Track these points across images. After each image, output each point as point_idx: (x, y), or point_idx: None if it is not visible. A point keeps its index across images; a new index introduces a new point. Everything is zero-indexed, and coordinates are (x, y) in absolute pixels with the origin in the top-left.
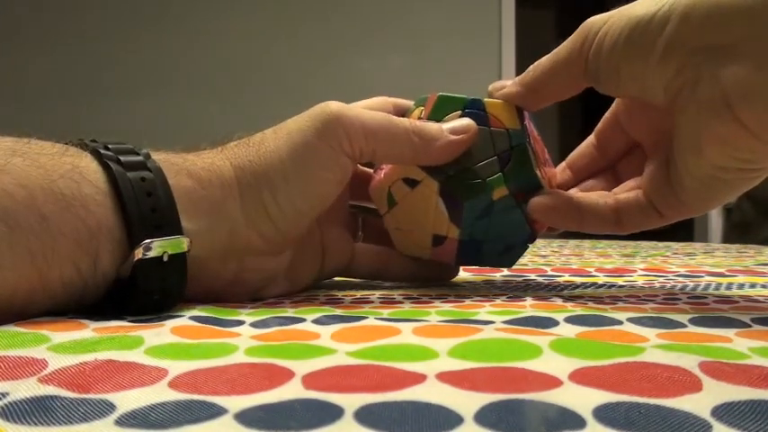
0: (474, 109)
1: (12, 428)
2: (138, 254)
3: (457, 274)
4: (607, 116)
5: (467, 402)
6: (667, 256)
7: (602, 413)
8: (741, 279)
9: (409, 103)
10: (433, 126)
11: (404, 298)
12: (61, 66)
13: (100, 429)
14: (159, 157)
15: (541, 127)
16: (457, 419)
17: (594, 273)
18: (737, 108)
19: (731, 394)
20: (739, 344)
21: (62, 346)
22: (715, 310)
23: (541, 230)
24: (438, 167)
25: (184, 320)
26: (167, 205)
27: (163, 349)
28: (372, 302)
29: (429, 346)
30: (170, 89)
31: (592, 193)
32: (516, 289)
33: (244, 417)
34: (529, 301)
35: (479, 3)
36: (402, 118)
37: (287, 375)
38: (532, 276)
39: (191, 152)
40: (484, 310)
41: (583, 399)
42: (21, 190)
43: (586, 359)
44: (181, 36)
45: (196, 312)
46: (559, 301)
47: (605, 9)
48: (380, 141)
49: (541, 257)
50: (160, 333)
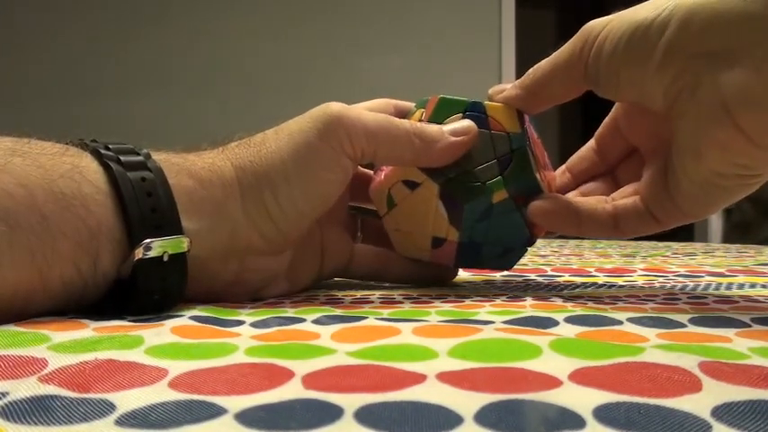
0: (474, 111)
1: (12, 428)
2: (139, 254)
3: (456, 276)
4: (607, 121)
5: (467, 402)
6: (667, 256)
7: (602, 413)
8: (741, 279)
9: (410, 105)
10: (434, 128)
11: (404, 298)
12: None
13: (100, 429)
14: (160, 158)
15: (542, 130)
16: (457, 419)
17: (594, 273)
18: (736, 114)
19: (731, 394)
20: (739, 344)
21: (62, 346)
22: (715, 310)
23: (540, 234)
24: (438, 170)
25: (184, 320)
26: (167, 205)
27: (163, 349)
28: (372, 302)
29: (429, 346)
30: (170, 89)
31: (590, 198)
32: (516, 289)
33: (244, 417)
34: (529, 301)
35: (479, 3)
36: (403, 119)
37: (287, 375)
38: (532, 276)
39: (191, 152)
40: (484, 310)
41: (583, 399)
42: (21, 189)
43: (586, 359)
44: (180, 36)
45: (196, 312)
46: (559, 301)
47: (605, 9)
48: (381, 142)
49: (541, 257)
50: (160, 333)
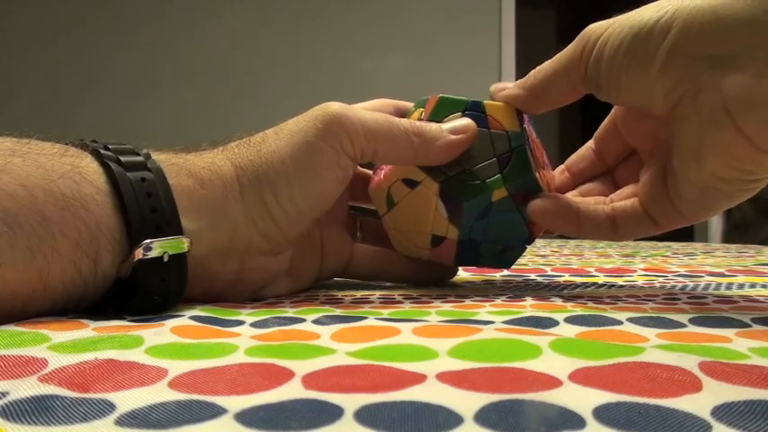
0: (474, 111)
1: (12, 428)
2: (139, 254)
3: (455, 275)
4: (606, 122)
5: (467, 402)
6: (667, 256)
7: (602, 413)
8: (741, 279)
9: (409, 105)
10: (433, 126)
11: (404, 298)
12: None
13: (100, 429)
14: (160, 158)
15: (541, 129)
16: (457, 419)
17: (594, 273)
18: (739, 118)
19: (731, 394)
20: (739, 344)
21: (62, 346)
22: (715, 310)
23: (540, 233)
24: (438, 168)
25: (184, 320)
26: (167, 206)
27: (163, 349)
28: (372, 302)
29: (429, 346)
30: (170, 89)
31: (589, 199)
32: (516, 289)
33: (244, 417)
34: (529, 301)
35: (479, 3)
36: (402, 119)
37: (287, 375)
38: (532, 276)
39: (191, 152)
40: (484, 310)
41: (583, 399)
42: (21, 190)
43: (586, 359)
44: (180, 36)
45: (196, 312)
46: (559, 301)
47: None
48: (381, 141)
49: (541, 257)
50: (160, 333)
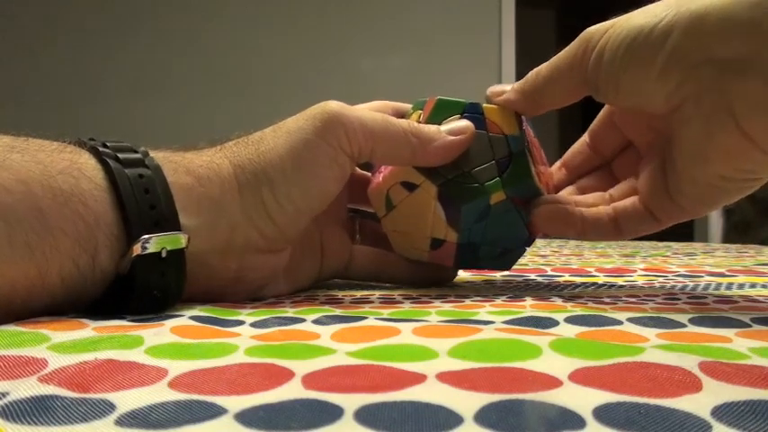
0: (472, 113)
1: (12, 428)
2: (137, 249)
3: (455, 277)
4: (601, 115)
5: (467, 402)
6: (667, 256)
7: (602, 413)
8: (741, 279)
9: (408, 107)
10: (431, 127)
11: (404, 298)
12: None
13: (100, 429)
14: (157, 156)
15: (540, 129)
16: (457, 419)
17: (594, 273)
18: (745, 121)
19: (731, 394)
20: (739, 344)
21: (62, 346)
22: (715, 310)
23: (539, 233)
24: (436, 171)
25: (184, 320)
26: (166, 202)
27: (163, 349)
28: (372, 302)
29: (429, 347)
30: (170, 89)
31: (589, 197)
32: (516, 289)
33: (244, 417)
34: (529, 301)
35: (479, 3)
36: (400, 119)
37: (287, 375)
38: (532, 276)
39: (189, 151)
40: (484, 310)
41: (583, 399)
42: (19, 185)
43: (586, 359)
44: (180, 37)
45: (196, 312)
46: (559, 301)
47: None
48: (379, 141)
49: (541, 257)
50: (160, 333)
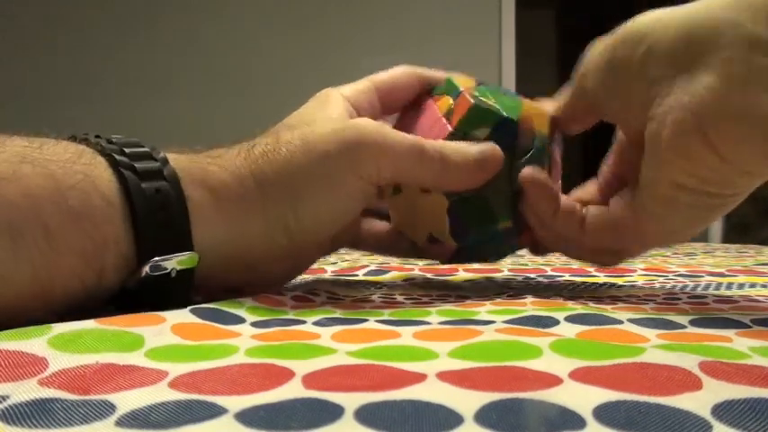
0: (504, 128)
1: (12, 431)
2: (146, 270)
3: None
4: (608, 160)
5: (467, 402)
6: (667, 256)
7: (602, 413)
8: (741, 279)
9: (438, 76)
10: (459, 156)
11: (405, 298)
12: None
13: (100, 430)
14: (177, 162)
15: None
16: (457, 419)
17: (594, 273)
18: (705, 123)
19: (731, 393)
20: (739, 344)
21: (63, 338)
22: (715, 310)
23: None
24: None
25: (185, 314)
26: (180, 220)
27: (163, 352)
28: (373, 302)
29: (429, 348)
30: (170, 89)
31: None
32: (517, 288)
33: (244, 417)
34: (529, 299)
35: (479, 3)
36: (432, 142)
37: (287, 375)
38: (533, 276)
39: (211, 156)
40: (484, 309)
41: (583, 398)
42: (27, 200)
43: (587, 359)
44: (180, 36)
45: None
46: (560, 300)
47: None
48: (408, 172)
49: (541, 257)
50: (161, 332)
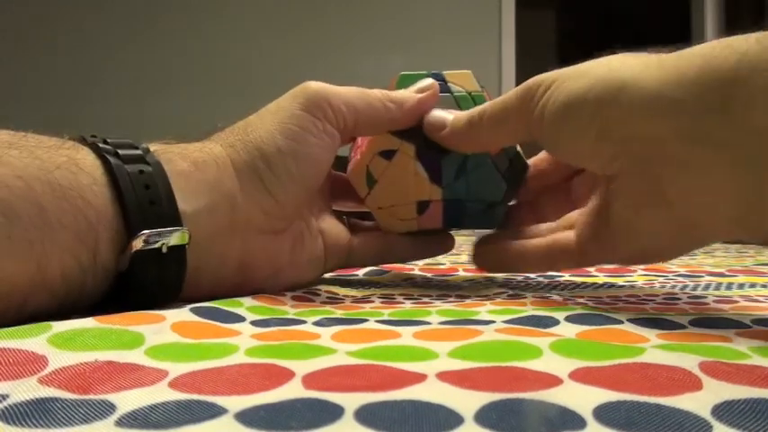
0: (435, 79)
1: (11, 431)
2: (136, 245)
3: (453, 244)
4: None
5: (467, 402)
6: None
7: (602, 413)
8: (741, 279)
9: None
10: (401, 91)
11: (404, 298)
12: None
13: (100, 430)
14: (155, 148)
15: None
16: (457, 419)
17: (594, 273)
18: (673, 200)
19: (731, 393)
20: (739, 344)
21: (63, 337)
22: (715, 310)
23: (521, 188)
24: (411, 133)
25: (185, 313)
26: (166, 197)
27: (163, 350)
28: (373, 302)
29: (430, 348)
30: (169, 89)
31: (537, 228)
32: (517, 288)
33: (244, 417)
34: (529, 299)
35: (479, 3)
36: (374, 89)
37: (287, 375)
38: (533, 276)
39: (180, 143)
40: (484, 309)
41: (583, 398)
42: (18, 181)
43: (587, 360)
44: (180, 36)
45: (197, 303)
46: (560, 301)
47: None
48: (360, 110)
49: None
50: (161, 330)
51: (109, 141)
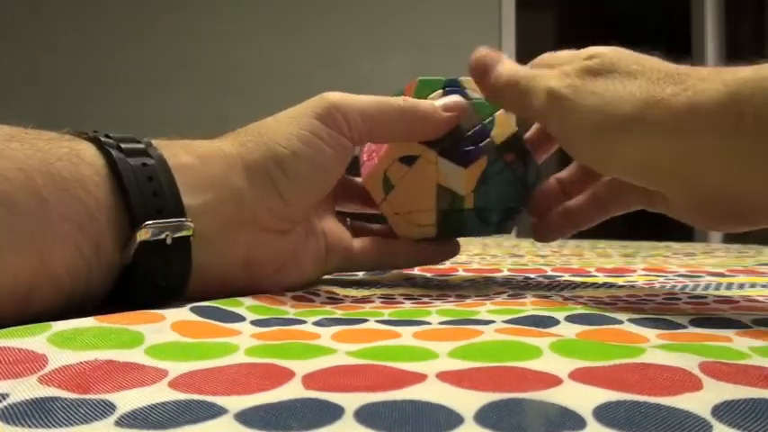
0: (453, 87)
1: (11, 431)
2: (140, 236)
3: (459, 250)
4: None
5: (467, 402)
6: (667, 256)
7: (602, 413)
8: (741, 279)
9: None
10: (426, 102)
11: (404, 298)
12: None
13: (100, 430)
14: (159, 143)
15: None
16: (457, 419)
17: (594, 273)
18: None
19: (731, 393)
20: (739, 344)
21: (63, 336)
22: (715, 310)
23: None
24: (434, 141)
25: (185, 312)
26: (169, 190)
27: (163, 349)
28: (373, 302)
29: (429, 348)
30: (169, 89)
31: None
32: (517, 288)
33: (244, 417)
34: (529, 299)
35: (479, 4)
36: (394, 97)
37: (287, 375)
38: (533, 276)
39: (185, 140)
40: (484, 309)
41: (583, 398)
42: (19, 174)
43: (586, 360)
44: (180, 37)
45: (197, 302)
46: (560, 301)
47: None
48: (376, 120)
49: (541, 257)
50: (161, 329)
51: (111, 136)
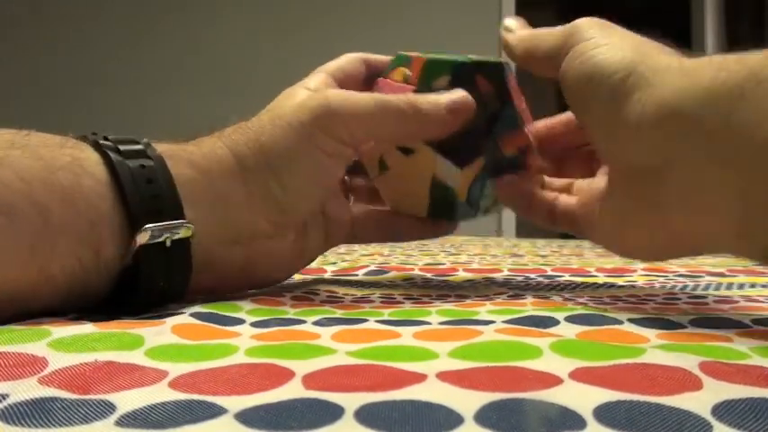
0: (462, 72)
1: (11, 431)
2: (141, 239)
3: (453, 231)
4: None
5: (467, 402)
6: None
7: (602, 413)
8: (741, 279)
9: (384, 60)
10: (428, 103)
11: (404, 298)
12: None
13: (100, 430)
14: (159, 148)
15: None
16: (457, 419)
17: (594, 273)
18: (669, 215)
19: (731, 393)
20: (739, 344)
21: (63, 342)
22: (715, 310)
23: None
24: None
25: (185, 318)
26: (168, 192)
27: (163, 351)
28: (373, 302)
29: (429, 348)
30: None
31: (556, 181)
32: (517, 288)
33: (244, 417)
34: (529, 299)
35: (479, 3)
36: (396, 96)
37: (287, 375)
38: (533, 276)
39: (189, 143)
40: (484, 309)
41: (583, 398)
42: (19, 182)
43: (586, 360)
44: (180, 37)
45: (197, 309)
46: (560, 301)
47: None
48: (376, 124)
49: (541, 257)
50: (161, 332)
51: (110, 138)
